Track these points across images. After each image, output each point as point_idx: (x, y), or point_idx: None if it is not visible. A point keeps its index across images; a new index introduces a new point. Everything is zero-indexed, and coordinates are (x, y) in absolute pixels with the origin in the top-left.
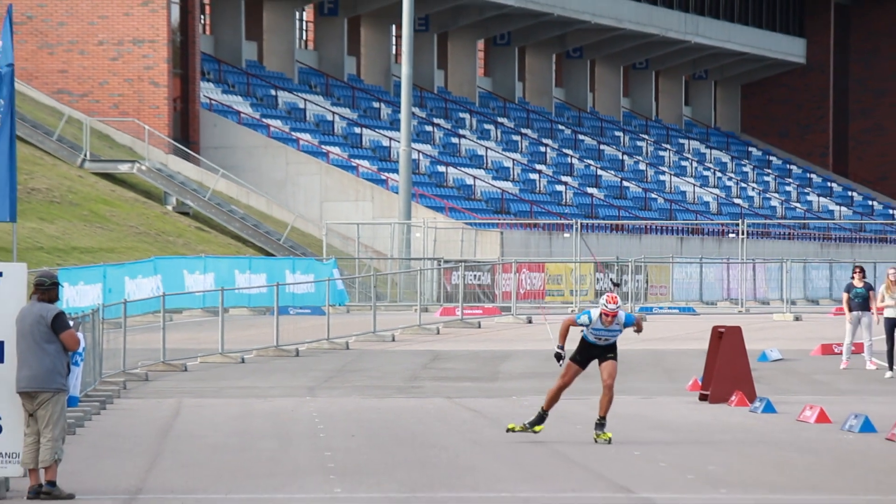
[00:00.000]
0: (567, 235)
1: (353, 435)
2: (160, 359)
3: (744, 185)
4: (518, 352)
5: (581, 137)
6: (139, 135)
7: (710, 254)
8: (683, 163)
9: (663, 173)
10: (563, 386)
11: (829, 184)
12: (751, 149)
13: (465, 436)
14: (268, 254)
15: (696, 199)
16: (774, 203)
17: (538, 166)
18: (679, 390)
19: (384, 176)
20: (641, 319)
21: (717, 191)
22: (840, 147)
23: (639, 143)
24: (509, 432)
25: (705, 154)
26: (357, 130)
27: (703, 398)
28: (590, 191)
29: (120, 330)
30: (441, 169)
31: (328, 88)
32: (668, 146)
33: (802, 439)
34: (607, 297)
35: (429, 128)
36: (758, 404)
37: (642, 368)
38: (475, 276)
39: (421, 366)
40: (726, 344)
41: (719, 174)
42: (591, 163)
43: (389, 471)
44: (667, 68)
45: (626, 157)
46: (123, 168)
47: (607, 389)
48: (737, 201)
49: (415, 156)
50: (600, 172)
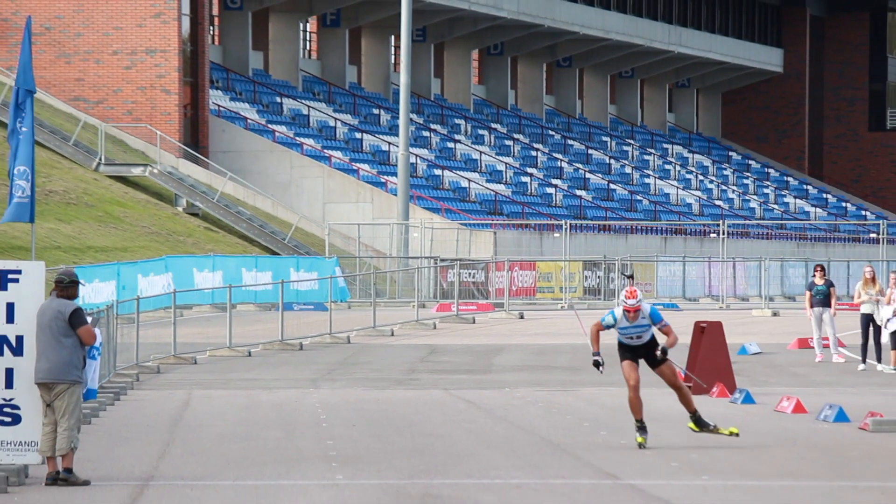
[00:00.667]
0: (557, 235)
1: (353, 425)
2: (171, 352)
3: (724, 187)
4: (511, 346)
5: (570, 142)
6: (151, 140)
7: (692, 253)
8: (667, 166)
9: (648, 176)
10: (636, 387)
11: (804, 186)
12: (731, 153)
13: (461, 425)
14: (273, 253)
15: (679, 201)
16: (753, 205)
17: (529, 170)
18: (661, 382)
19: (383, 179)
20: (673, 342)
21: (698, 193)
22: (815, 151)
23: (625, 148)
24: (641, 447)
25: (688, 158)
26: (358, 136)
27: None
28: (578, 193)
29: (133, 325)
30: (437, 172)
31: (330, 96)
32: (653, 151)
33: (780, 428)
34: (626, 293)
35: (426, 133)
36: (738, 395)
37: None
38: (470, 273)
39: (418, 359)
40: (708, 338)
41: (701, 177)
42: (579, 166)
43: (388, 458)
44: (651, 77)
45: (612, 161)
46: (136, 171)
47: (678, 390)
48: (717, 203)
49: (412, 160)
50: (588, 175)
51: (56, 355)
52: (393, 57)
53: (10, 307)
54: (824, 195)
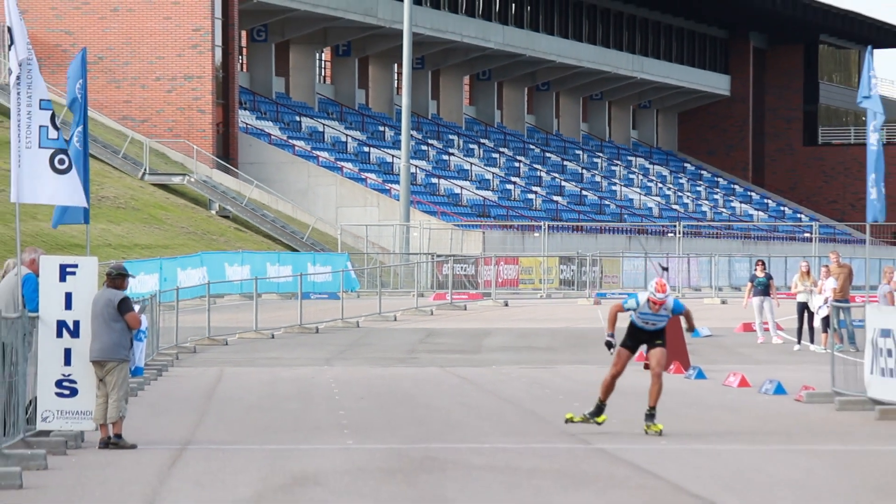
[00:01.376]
0: (536, 235)
1: (362, 397)
2: (206, 335)
3: (680, 194)
4: (497, 329)
5: (548, 155)
6: (189, 153)
7: (652, 250)
8: (631, 176)
9: (615, 184)
10: (616, 374)
11: (749, 193)
12: (686, 164)
13: (455, 398)
14: (293, 249)
15: (642, 206)
16: (705, 208)
17: (513, 178)
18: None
19: (388, 186)
20: (691, 316)
21: (658, 199)
22: (758, 163)
23: (595, 160)
24: (568, 423)
25: (649, 169)
26: (366, 149)
27: (646, 367)
28: (555, 198)
29: (173, 312)
30: (434, 181)
31: (342, 115)
32: (619, 162)
33: (727, 400)
34: (656, 286)
35: (424, 147)
36: (691, 372)
37: (599, 343)
38: (462, 267)
39: (418, 341)
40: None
41: (660, 185)
42: (556, 175)
43: (392, 426)
44: (617, 99)
45: (584, 171)
46: (176, 180)
47: (656, 378)
48: (674, 207)
49: (413, 170)
50: (563, 183)
51: (107, 337)
52: (396, 82)
53: (69, 296)
54: (765, 200)
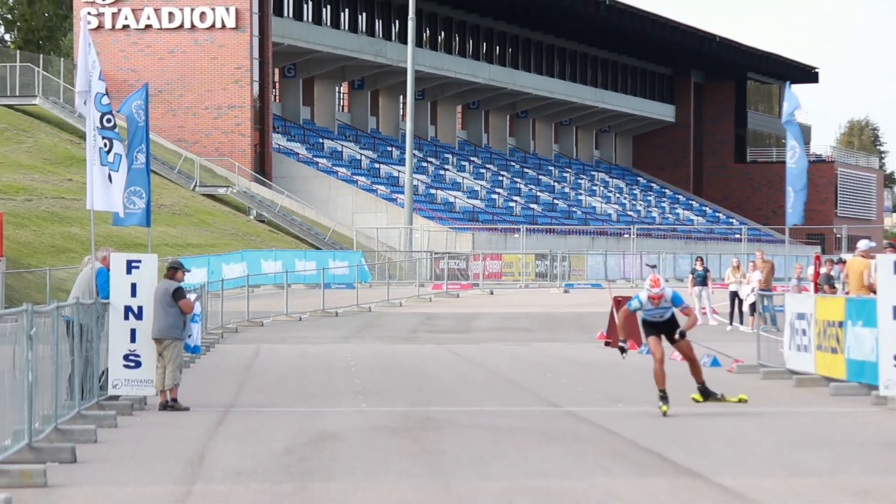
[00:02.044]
0: (516, 236)
1: (373, 369)
2: (245, 318)
3: (634, 202)
4: (484, 313)
5: (526, 170)
6: (231, 169)
7: (611, 248)
8: (594, 187)
9: (581, 195)
10: (661, 360)
11: (690, 202)
12: (639, 178)
13: (449, 370)
14: (316, 248)
15: (603, 212)
16: (654, 214)
17: (497, 189)
18: (591, 339)
19: (394, 196)
20: (692, 324)
21: (616, 206)
22: (697, 177)
23: (564, 174)
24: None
25: (608, 182)
26: (376, 166)
27: (606, 344)
28: (532, 206)
29: (219, 299)
30: (432, 191)
31: (357, 138)
32: (584, 176)
33: (671, 372)
34: (651, 282)
35: (424, 164)
36: (643, 348)
37: (567, 325)
38: (455, 262)
39: (419, 323)
40: (621, 307)
41: (617, 195)
42: (532, 187)
43: (397, 392)
44: (583, 125)
45: (555, 184)
46: (221, 191)
47: (692, 362)
48: (629, 213)
49: (415, 182)
50: (539, 194)
51: (164, 320)
52: (401, 110)
53: (134, 286)
54: (704, 208)
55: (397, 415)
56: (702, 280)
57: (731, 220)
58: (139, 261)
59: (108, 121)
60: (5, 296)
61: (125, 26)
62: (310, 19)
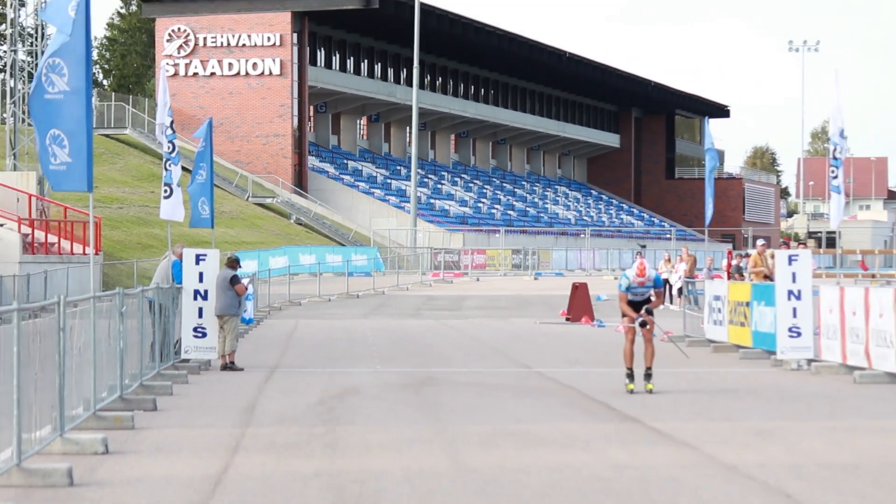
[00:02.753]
0: (497, 235)
1: (386, 339)
2: (287, 299)
3: (588, 209)
4: (472, 296)
5: (504, 185)
6: (276, 183)
7: (571, 245)
8: (557, 198)
9: (547, 203)
10: (632, 340)
11: (632, 209)
12: (592, 191)
13: (445, 339)
14: (342, 245)
15: (564, 217)
16: (604, 219)
17: (482, 200)
18: (555, 316)
19: (402, 204)
20: (658, 303)
21: (574, 212)
22: (637, 190)
23: (534, 188)
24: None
25: (568, 194)
26: (388, 181)
27: (568, 320)
28: (509, 212)
29: (267, 284)
30: (432, 201)
31: (374, 160)
32: (549, 189)
33: (616, 341)
34: (639, 264)
35: (426, 180)
36: (595, 323)
37: (536, 305)
38: (449, 256)
39: (421, 303)
40: (579, 291)
41: (575, 204)
42: (510, 198)
43: (405, 357)
44: (548, 149)
45: (527, 195)
46: (268, 201)
47: (648, 343)
48: (585, 218)
49: (418, 194)
50: (514, 203)
51: (224, 300)
52: (407, 138)
53: (201, 274)
54: (642, 214)
55: (404, 374)
56: None
57: (662, 223)
58: (205, 255)
59: (171, 147)
60: (102, 282)
61: (195, 74)
62: (337, 68)
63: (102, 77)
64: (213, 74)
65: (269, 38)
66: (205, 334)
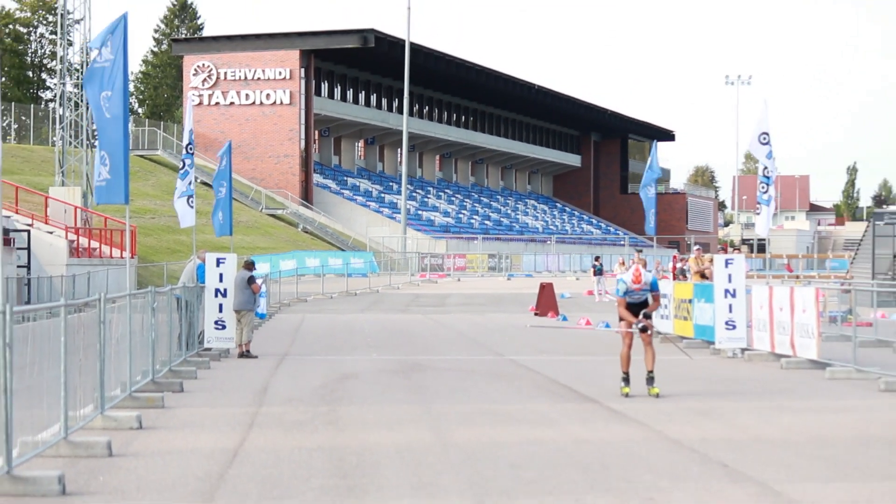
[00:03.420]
0: (476, 242)
1: (380, 331)
2: (294, 297)
3: (553, 220)
4: (454, 294)
5: (482, 199)
6: (286, 197)
7: (539, 251)
8: (527, 210)
9: (518, 215)
10: (629, 345)
11: (591, 220)
12: (557, 204)
13: (430, 331)
14: (342, 250)
15: (533, 226)
16: (567, 227)
17: (463, 211)
18: (525, 311)
19: (394, 215)
20: (656, 306)
21: (542, 222)
22: (596, 203)
23: (507, 201)
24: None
25: (537, 206)
26: (383, 196)
27: (536, 315)
28: (486, 222)
29: (277, 283)
30: (420, 212)
31: (370, 177)
32: (521, 203)
33: (580, 333)
34: (635, 269)
35: (414, 194)
36: (560, 317)
37: (509, 302)
38: (435, 260)
39: (411, 300)
40: (546, 290)
41: (543, 215)
42: (486, 210)
43: (396, 346)
44: (519, 168)
45: (502, 207)
46: (279, 212)
47: (648, 346)
48: (551, 227)
49: (408, 206)
50: (491, 214)
51: (241, 297)
52: (399, 158)
53: (221, 275)
54: (600, 223)
55: (395, 361)
56: (599, 272)
57: (617, 231)
58: (225, 258)
59: (191, 165)
60: (137, 282)
61: (217, 103)
62: (339, 98)
63: (138, 106)
64: (232, 104)
65: (280, 72)
66: (224, 327)
